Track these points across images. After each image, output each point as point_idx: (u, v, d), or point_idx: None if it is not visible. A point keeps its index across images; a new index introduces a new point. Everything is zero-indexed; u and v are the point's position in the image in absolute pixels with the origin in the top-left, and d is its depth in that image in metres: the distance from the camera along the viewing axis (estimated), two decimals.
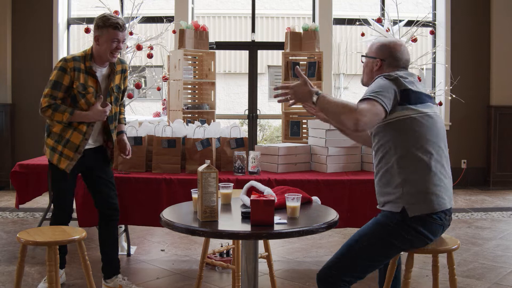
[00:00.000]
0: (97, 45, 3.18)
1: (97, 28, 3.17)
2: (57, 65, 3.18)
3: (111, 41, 3.14)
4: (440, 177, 2.46)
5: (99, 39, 3.15)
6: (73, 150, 3.23)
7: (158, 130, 3.88)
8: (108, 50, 3.16)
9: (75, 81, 3.15)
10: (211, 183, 2.32)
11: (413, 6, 10.02)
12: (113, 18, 3.16)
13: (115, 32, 3.14)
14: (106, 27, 3.13)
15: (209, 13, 12.03)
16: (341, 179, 3.59)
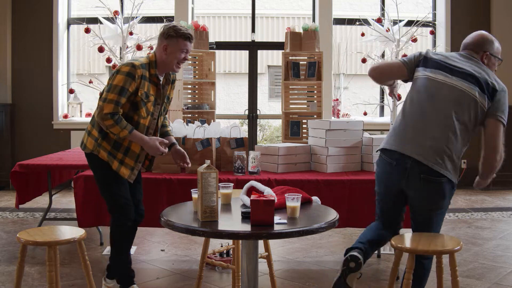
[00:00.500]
0: (164, 54, 3.11)
1: (166, 38, 3.11)
2: (124, 70, 3.04)
3: (180, 51, 3.10)
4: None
5: (168, 49, 3.10)
6: (134, 159, 3.15)
7: None
8: (176, 60, 3.11)
9: (140, 89, 3.07)
10: (211, 183, 2.32)
11: (413, 6, 10.02)
12: (183, 28, 3.12)
13: (185, 43, 3.11)
14: (177, 37, 3.09)
15: (209, 13, 12.02)
16: (341, 179, 3.59)
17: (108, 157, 3.13)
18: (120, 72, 3.04)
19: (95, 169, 3.22)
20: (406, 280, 2.59)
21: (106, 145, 3.13)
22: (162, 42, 3.13)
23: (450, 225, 5.29)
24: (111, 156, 3.13)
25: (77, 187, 3.58)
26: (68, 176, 5.27)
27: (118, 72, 3.04)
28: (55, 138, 7.44)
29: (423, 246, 2.61)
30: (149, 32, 6.47)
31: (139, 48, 5.50)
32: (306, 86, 6.11)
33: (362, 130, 3.92)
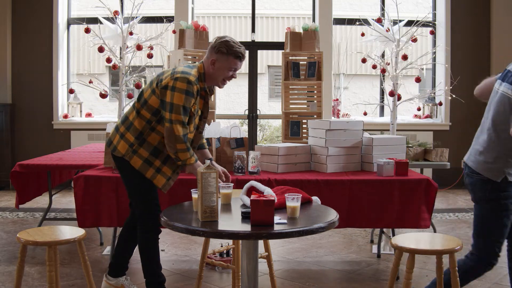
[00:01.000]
0: (211, 69, 2.99)
1: (216, 52, 2.97)
2: (181, 87, 2.89)
3: (228, 69, 2.98)
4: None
5: (216, 64, 2.97)
6: (172, 169, 3.09)
7: None
8: (222, 77, 3.00)
9: (194, 105, 2.98)
10: (211, 183, 2.32)
11: (413, 6, 10.02)
12: (236, 46, 2.98)
13: (236, 62, 2.98)
14: (228, 54, 2.96)
15: (209, 13, 12.03)
16: (341, 179, 3.59)
17: (142, 165, 3.02)
18: (177, 89, 2.89)
19: (126, 174, 3.11)
20: (406, 280, 2.59)
21: (144, 152, 3.02)
22: (212, 56, 2.99)
23: (450, 225, 5.29)
24: (146, 163, 3.02)
25: (77, 187, 3.57)
26: (68, 176, 5.27)
27: (175, 89, 2.89)
28: (55, 138, 7.44)
29: (423, 246, 2.61)
30: (149, 32, 6.47)
31: (139, 48, 5.49)
32: (306, 86, 6.10)
33: (362, 130, 3.92)
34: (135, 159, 3.02)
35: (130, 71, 5.66)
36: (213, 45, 3.01)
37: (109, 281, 3.32)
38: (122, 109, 5.35)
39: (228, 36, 3.05)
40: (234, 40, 3.03)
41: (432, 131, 7.46)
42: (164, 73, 3.02)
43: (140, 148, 3.02)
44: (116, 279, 3.33)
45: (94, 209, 3.58)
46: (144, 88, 3.09)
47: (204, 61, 3.05)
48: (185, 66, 3.05)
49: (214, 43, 3.01)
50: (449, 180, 7.39)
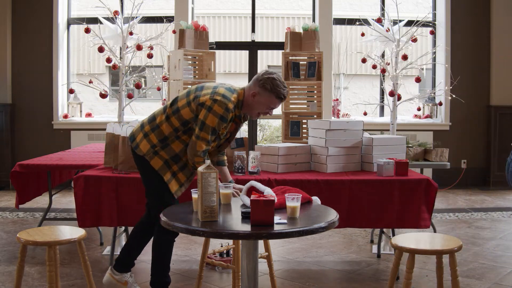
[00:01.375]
0: (251, 99, 3.00)
1: (260, 86, 2.96)
2: (218, 111, 2.91)
3: (267, 106, 3.00)
4: None
5: (256, 96, 2.97)
6: (186, 176, 3.13)
7: None
8: (258, 111, 3.02)
9: (223, 129, 3.03)
10: (211, 183, 2.32)
11: (413, 6, 10.02)
12: (281, 87, 2.96)
13: (276, 101, 2.99)
14: (271, 92, 2.95)
15: (209, 13, 12.02)
16: (341, 179, 3.59)
17: (161, 167, 3.05)
18: (213, 111, 2.91)
19: (145, 174, 3.15)
20: (406, 280, 2.59)
21: (164, 154, 3.06)
22: (255, 88, 2.99)
23: (450, 225, 5.29)
24: (165, 165, 3.05)
25: (77, 187, 3.57)
26: (68, 176, 5.27)
27: (211, 111, 2.91)
28: (55, 138, 7.44)
29: (423, 246, 2.61)
30: (149, 32, 6.47)
31: (139, 48, 5.49)
32: (306, 86, 6.10)
33: (362, 130, 3.92)
34: (156, 160, 3.06)
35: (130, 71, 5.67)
36: (259, 78, 3.00)
37: (114, 275, 3.32)
38: (122, 109, 5.35)
39: (276, 73, 3.02)
40: (281, 79, 3.01)
41: (432, 131, 7.46)
42: (204, 89, 3.02)
43: (161, 151, 3.06)
44: (121, 275, 3.32)
45: (94, 209, 3.58)
46: (180, 96, 3.09)
47: (246, 89, 3.05)
48: (227, 88, 3.03)
49: (261, 76, 3.00)
50: (449, 180, 7.40)
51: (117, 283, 3.30)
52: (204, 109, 2.93)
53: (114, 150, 3.94)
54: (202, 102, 2.94)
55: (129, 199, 3.60)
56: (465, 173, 7.52)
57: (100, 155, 4.80)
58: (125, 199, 3.59)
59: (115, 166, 3.89)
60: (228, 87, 3.05)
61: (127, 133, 3.82)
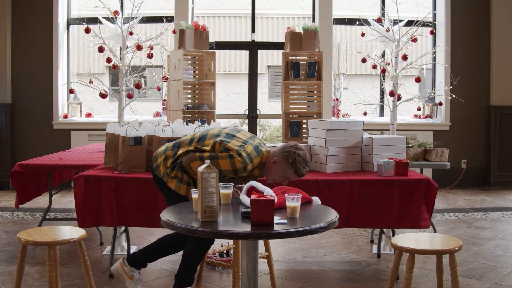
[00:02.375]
0: (271, 165, 2.98)
1: (283, 156, 2.94)
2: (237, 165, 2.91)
3: (284, 177, 2.99)
4: None
5: (276, 164, 2.96)
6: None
7: (158, 130, 3.88)
8: (274, 177, 3.01)
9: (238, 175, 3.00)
10: (211, 183, 2.32)
11: (413, 6, 10.02)
12: (303, 165, 2.93)
13: (294, 176, 2.97)
14: (291, 166, 2.93)
15: (209, 13, 12.03)
16: (341, 179, 3.59)
17: (176, 185, 3.07)
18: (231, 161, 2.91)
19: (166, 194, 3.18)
20: (406, 280, 2.59)
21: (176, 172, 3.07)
22: (278, 155, 2.97)
23: (450, 225, 5.29)
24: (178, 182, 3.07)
25: (77, 187, 3.57)
26: (68, 176, 5.27)
27: (230, 159, 2.90)
28: (55, 138, 7.44)
29: (423, 246, 2.61)
30: (149, 32, 6.47)
31: (139, 48, 5.49)
32: (306, 86, 6.11)
33: (362, 130, 3.92)
34: (170, 181, 3.09)
35: (130, 71, 5.66)
36: (286, 149, 2.97)
37: (124, 266, 3.31)
38: (122, 109, 5.35)
39: (304, 151, 2.97)
40: (305, 157, 2.97)
41: (432, 131, 7.46)
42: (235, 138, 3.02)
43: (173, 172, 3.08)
44: (131, 268, 3.32)
45: (94, 209, 3.58)
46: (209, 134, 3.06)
47: (271, 153, 3.03)
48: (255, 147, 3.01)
49: (288, 147, 2.97)
50: (449, 180, 7.40)
51: (123, 274, 3.30)
52: (225, 153, 2.91)
53: (114, 150, 3.94)
54: (228, 148, 2.92)
55: (129, 199, 3.60)
56: (465, 173, 7.52)
57: (100, 155, 4.80)
58: (125, 199, 3.59)
59: (115, 166, 3.89)
60: (256, 146, 3.03)
61: (127, 133, 3.83)
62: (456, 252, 2.57)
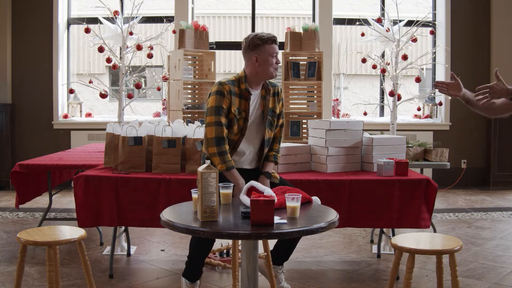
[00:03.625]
0: (257, 66, 3.14)
1: (253, 49, 3.14)
2: (213, 90, 3.12)
3: (271, 56, 3.15)
4: None
5: (258, 59, 3.13)
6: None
7: (158, 130, 3.88)
8: (269, 66, 3.15)
9: (233, 106, 3.12)
10: (211, 183, 2.32)
11: (413, 6, 10.02)
12: (265, 34, 3.15)
13: (273, 46, 3.15)
14: (263, 44, 3.12)
15: (209, 13, 12.02)
16: (341, 179, 3.59)
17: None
18: (210, 94, 3.12)
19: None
20: (406, 280, 2.59)
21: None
22: (251, 55, 3.15)
23: (450, 225, 5.29)
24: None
25: (77, 187, 3.57)
26: (68, 176, 5.27)
27: (210, 95, 3.13)
28: (55, 138, 7.44)
29: (423, 246, 2.61)
30: (149, 32, 6.47)
31: (139, 48, 5.49)
32: (306, 86, 6.11)
33: (362, 130, 3.92)
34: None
35: (130, 71, 5.66)
36: (246, 46, 3.16)
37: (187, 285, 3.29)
38: (122, 109, 5.35)
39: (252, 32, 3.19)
40: (259, 32, 3.20)
41: (432, 131, 7.46)
42: None
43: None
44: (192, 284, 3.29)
45: (94, 209, 3.58)
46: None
47: (245, 65, 3.21)
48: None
49: (246, 44, 3.17)
50: (449, 180, 7.40)
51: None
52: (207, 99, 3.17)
53: (114, 150, 3.94)
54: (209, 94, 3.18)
55: (129, 199, 3.60)
56: (465, 173, 7.52)
57: (100, 155, 4.80)
58: (125, 199, 3.59)
59: (115, 166, 3.89)
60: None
61: (127, 133, 3.83)
62: (456, 252, 2.57)
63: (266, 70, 3.15)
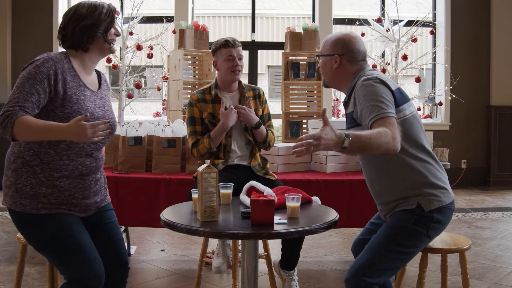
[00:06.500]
0: (220, 70, 3.30)
1: (213, 55, 3.32)
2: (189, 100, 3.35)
3: (226, 60, 3.24)
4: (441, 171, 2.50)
5: (217, 63, 3.29)
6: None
7: (158, 130, 3.88)
8: (228, 70, 3.25)
9: (204, 112, 3.28)
10: (211, 183, 2.32)
11: (413, 6, 10.02)
12: (221, 39, 3.30)
13: (227, 50, 3.25)
14: (218, 49, 3.27)
15: (209, 13, 12.03)
16: (341, 179, 3.59)
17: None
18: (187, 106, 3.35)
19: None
20: (419, 279, 2.61)
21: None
22: (213, 60, 3.34)
23: (450, 225, 5.28)
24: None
25: None
26: None
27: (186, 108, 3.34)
28: None
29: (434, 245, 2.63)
30: (149, 32, 6.47)
31: (139, 48, 5.50)
32: (306, 86, 6.10)
33: None
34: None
35: (130, 71, 5.67)
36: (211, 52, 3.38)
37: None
38: (122, 109, 5.36)
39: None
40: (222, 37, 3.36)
41: (432, 131, 7.45)
42: None
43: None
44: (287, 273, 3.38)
45: None
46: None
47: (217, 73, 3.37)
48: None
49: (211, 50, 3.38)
50: (449, 180, 7.38)
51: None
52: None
53: (114, 150, 3.94)
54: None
55: (129, 199, 3.60)
56: (465, 173, 7.52)
57: None
58: (125, 199, 3.59)
59: (115, 166, 3.89)
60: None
61: (127, 133, 3.83)
62: (466, 250, 2.61)
63: (225, 74, 3.27)
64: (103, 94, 2.46)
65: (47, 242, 2.28)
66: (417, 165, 2.36)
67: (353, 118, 2.35)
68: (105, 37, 2.33)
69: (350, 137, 2.04)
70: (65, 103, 2.19)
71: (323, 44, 2.51)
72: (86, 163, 2.30)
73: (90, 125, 2.05)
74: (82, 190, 2.31)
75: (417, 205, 2.32)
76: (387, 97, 2.23)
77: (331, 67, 2.46)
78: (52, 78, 2.19)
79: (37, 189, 2.21)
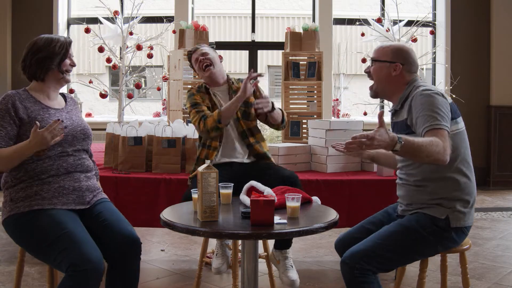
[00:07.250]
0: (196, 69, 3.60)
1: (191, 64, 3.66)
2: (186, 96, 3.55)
3: (195, 63, 3.56)
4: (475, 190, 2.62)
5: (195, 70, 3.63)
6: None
7: (158, 130, 3.88)
8: (200, 70, 3.54)
9: (204, 100, 3.47)
10: (211, 183, 2.32)
11: (413, 6, 10.03)
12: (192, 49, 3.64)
13: (193, 56, 3.58)
14: (191, 55, 3.61)
15: (209, 13, 12.03)
16: (341, 179, 3.59)
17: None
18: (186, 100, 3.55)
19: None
20: (420, 279, 2.61)
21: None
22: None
23: None
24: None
25: None
26: None
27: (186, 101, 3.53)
28: None
29: None
30: (149, 32, 6.47)
31: (139, 48, 5.50)
32: (306, 86, 6.10)
33: (362, 130, 3.91)
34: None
35: (130, 71, 5.67)
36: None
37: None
38: (122, 109, 5.36)
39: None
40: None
41: None
42: None
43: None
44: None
45: None
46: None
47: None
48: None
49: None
50: None
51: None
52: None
53: (114, 150, 3.94)
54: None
55: (129, 199, 3.60)
56: None
57: (100, 155, 4.79)
58: (125, 199, 3.59)
59: (115, 166, 3.89)
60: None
61: (127, 133, 3.83)
62: (466, 251, 2.61)
63: (201, 75, 3.57)
64: (69, 109, 2.67)
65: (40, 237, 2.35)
66: (461, 180, 2.48)
67: (407, 125, 2.40)
68: (59, 68, 2.58)
69: (402, 141, 2.13)
70: (33, 124, 2.37)
71: (381, 50, 2.52)
72: (69, 161, 2.49)
73: (44, 130, 2.30)
74: (73, 182, 2.47)
75: (446, 217, 2.39)
76: (444, 109, 2.29)
77: (389, 74, 2.49)
78: (12, 110, 2.42)
79: (28, 190, 2.40)
